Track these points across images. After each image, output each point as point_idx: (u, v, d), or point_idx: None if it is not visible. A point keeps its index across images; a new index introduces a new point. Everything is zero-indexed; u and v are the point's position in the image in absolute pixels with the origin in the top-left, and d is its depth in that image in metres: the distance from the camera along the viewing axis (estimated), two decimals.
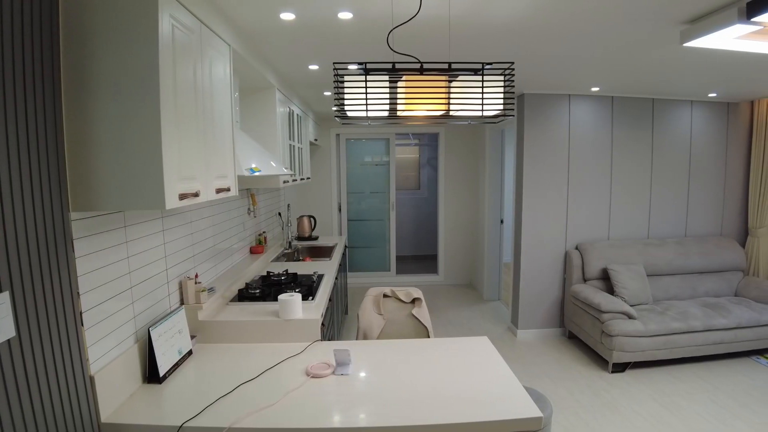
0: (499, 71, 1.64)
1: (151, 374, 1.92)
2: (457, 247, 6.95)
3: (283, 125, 3.70)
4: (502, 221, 6.03)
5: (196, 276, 2.50)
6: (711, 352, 4.17)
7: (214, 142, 2.01)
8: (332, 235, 6.49)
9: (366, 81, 1.55)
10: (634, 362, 4.09)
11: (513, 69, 1.59)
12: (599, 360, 4.28)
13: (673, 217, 5.14)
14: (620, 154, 4.90)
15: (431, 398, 1.80)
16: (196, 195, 1.73)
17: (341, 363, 2.02)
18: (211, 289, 2.64)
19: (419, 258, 8.52)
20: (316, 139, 5.83)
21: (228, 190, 2.11)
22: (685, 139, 5.07)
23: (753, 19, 2.07)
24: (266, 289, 2.93)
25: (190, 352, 2.20)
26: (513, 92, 1.67)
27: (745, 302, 4.51)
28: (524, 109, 4.59)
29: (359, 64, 1.56)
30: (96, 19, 1.45)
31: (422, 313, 2.75)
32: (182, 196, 1.62)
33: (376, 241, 7.08)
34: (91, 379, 1.60)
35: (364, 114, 1.60)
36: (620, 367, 4.07)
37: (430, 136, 8.32)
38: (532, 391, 2.46)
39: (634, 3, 2.16)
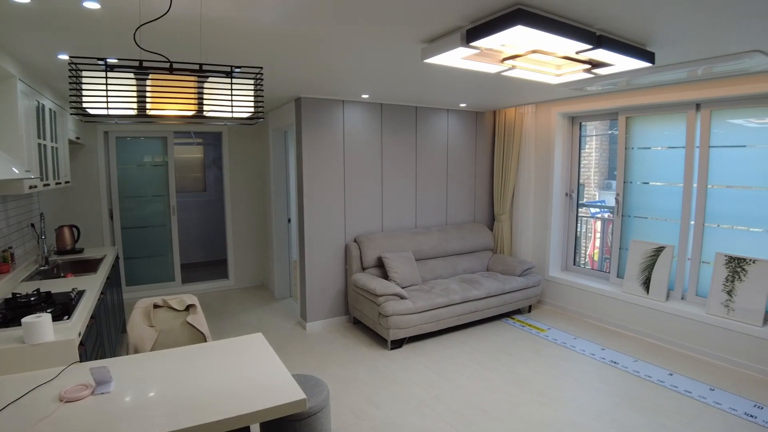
0: (251, 75, 1.71)
1: None
2: (247, 249, 6.88)
3: (29, 121, 3.24)
4: (289, 220, 6.16)
5: None
6: (470, 320, 4.92)
7: None
8: (103, 246, 5.84)
9: (107, 77, 1.48)
10: (409, 337, 4.59)
11: (262, 74, 1.68)
12: (380, 340, 4.69)
13: (436, 208, 5.89)
14: (389, 155, 5.42)
15: (203, 399, 1.79)
16: None
17: (101, 381, 1.87)
18: None
19: (208, 264, 8.16)
20: (78, 138, 5.18)
21: None
22: (443, 141, 5.84)
23: (472, 44, 2.50)
24: (10, 312, 2.54)
25: None
26: (262, 95, 1.75)
27: (493, 275, 5.40)
28: (302, 112, 4.77)
29: (99, 59, 1.47)
30: None
31: (198, 319, 2.69)
32: None
33: (158, 249, 6.56)
34: None
35: (105, 112, 1.52)
36: (398, 344, 4.52)
37: (214, 135, 7.92)
38: (310, 378, 2.62)
39: (380, 21, 2.42)
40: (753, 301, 4.03)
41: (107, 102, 1.48)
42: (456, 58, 2.76)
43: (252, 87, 1.67)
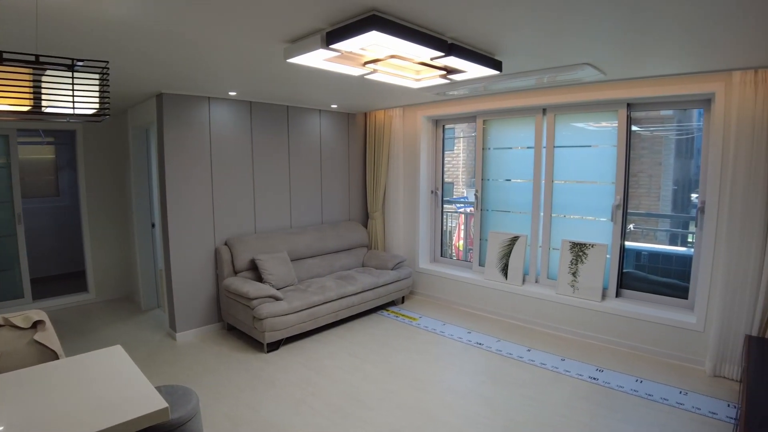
0: (96, 69, 1.61)
1: None
2: (108, 258, 6.34)
3: None
4: (153, 225, 5.79)
5: None
6: (347, 315, 5.04)
7: None
8: None
9: None
10: (287, 338, 4.57)
11: (108, 68, 1.59)
12: (256, 344, 4.60)
13: (311, 208, 5.93)
14: (261, 155, 5.33)
15: (56, 420, 1.66)
16: None
17: None
18: None
19: (65, 276, 7.36)
20: None
21: None
22: (316, 142, 5.89)
23: (332, 46, 2.57)
24: None
25: None
26: (109, 91, 1.66)
27: (368, 271, 5.57)
28: (163, 109, 4.52)
29: None
30: None
31: (47, 336, 2.45)
32: None
33: (2, 263, 5.82)
34: None
35: None
36: (274, 346, 4.48)
37: (67, 134, 7.08)
38: (178, 388, 2.52)
39: (238, 18, 2.39)
40: (593, 280, 4.61)
41: None
42: (318, 59, 2.81)
43: (97, 82, 1.58)
